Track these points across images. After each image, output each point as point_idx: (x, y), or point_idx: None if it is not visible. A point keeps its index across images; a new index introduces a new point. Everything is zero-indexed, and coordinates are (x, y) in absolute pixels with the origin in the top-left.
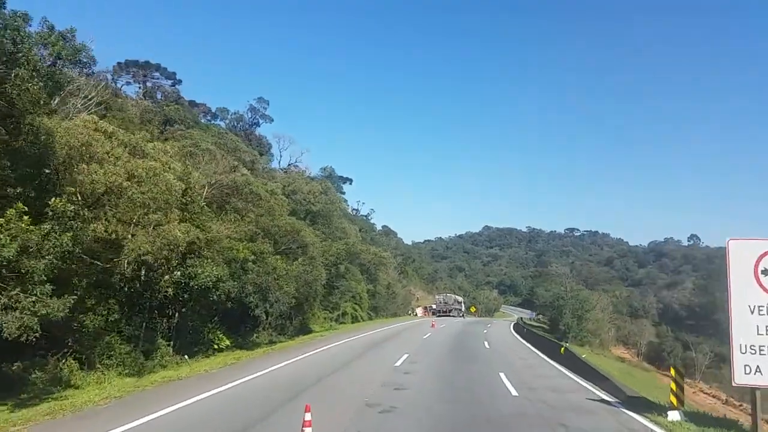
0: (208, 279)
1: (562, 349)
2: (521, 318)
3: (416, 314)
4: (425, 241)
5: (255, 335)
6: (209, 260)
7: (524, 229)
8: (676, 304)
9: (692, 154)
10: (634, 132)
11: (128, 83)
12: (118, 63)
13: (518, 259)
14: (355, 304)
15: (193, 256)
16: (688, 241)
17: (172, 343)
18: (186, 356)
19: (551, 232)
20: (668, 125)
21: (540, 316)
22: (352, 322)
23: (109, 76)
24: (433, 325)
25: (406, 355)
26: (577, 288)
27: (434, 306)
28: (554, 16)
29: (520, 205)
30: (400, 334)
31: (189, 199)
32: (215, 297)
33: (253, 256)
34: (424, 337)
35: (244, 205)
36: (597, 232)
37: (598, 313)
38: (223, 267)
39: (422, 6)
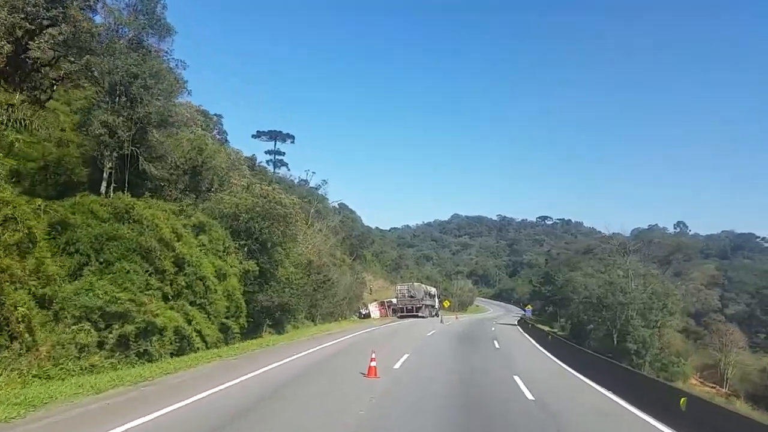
0: None
1: None
2: (524, 318)
3: (367, 314)
4: (391, 228)
5: None
6: None
7: (494, 218)
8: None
9: (663, 145)
10: (605, 122)
11: None
12: None
13: (489, 248)
14: (193, 303)
15: None
16: (675, 228)
17: None
18: None
19: (522, 220)
20: (640, 116)
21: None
22: (172, 355)
23: None
24: (370, 371)
25: None
26: (647, 273)
27: (395, 300)
28: (531, 10)
29: (490, 193)
30: None
31: None
32: None
33: None
34: None
35: None
36: (570, 220)
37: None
38: None
39: None
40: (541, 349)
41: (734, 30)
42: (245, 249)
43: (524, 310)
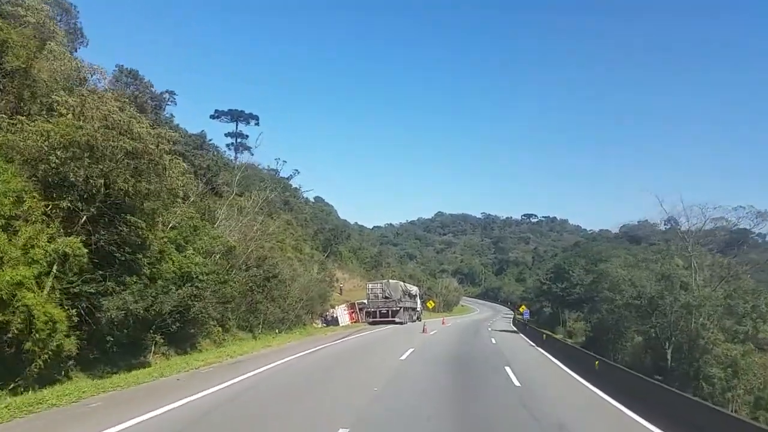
0: None
1: None
2: (522, 323)
3: (335, 319)
4: (374, 227)
5: None
6: None
7: (479, 216)
8: None
9: (662, 145)
10: (602, 122)
11: None
12: None
13: (474, 246)
14: None
15: None
16: (665, 225)
17: None
18: None
19: (507, 218)
20: (639, 116)
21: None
22: None
23: None
24: None
25: None
26: (714, 262)
27: (366, 301)
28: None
29: (475, 191)
30: None
31: None
32: None
33: None
34: None
35: None
36: (555, 218)
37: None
38: None
39: None
40: (598, 391)
41: (734, 30)
42: (81, 218)
43: (522, 314)
